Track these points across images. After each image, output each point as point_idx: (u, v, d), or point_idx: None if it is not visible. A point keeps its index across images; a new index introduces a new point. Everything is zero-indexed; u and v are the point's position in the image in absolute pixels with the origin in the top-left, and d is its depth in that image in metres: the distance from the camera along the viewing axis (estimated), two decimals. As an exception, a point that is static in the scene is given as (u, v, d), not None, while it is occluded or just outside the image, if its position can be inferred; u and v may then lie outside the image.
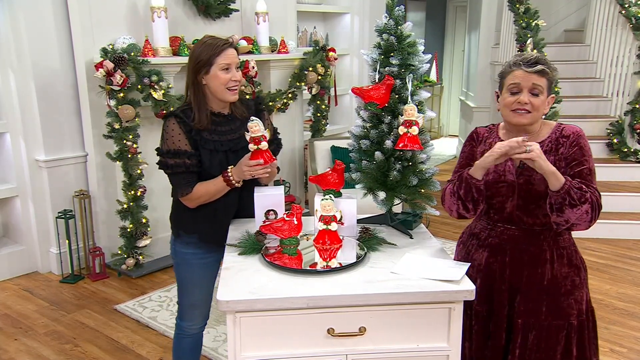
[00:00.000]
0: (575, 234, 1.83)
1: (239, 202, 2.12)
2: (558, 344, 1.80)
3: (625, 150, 5.13)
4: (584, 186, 1.66)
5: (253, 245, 1.81)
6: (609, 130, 5.27)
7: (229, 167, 1.97)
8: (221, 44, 1.96)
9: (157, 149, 2.02)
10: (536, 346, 1.80)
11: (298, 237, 1.75)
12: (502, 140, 1.83)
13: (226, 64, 1.95)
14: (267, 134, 1.91)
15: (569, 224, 1.68)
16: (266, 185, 2.19)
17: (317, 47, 4.93)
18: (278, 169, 2.14)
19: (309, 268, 1.67)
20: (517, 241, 1.82)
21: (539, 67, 1.70)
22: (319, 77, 4.87)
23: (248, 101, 2.16)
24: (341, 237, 1.70)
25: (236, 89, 2.00)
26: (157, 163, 2.04)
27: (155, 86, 3.62)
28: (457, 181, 1.82)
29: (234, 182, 1.96)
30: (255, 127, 1.87)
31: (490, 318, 1.87)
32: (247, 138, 1.90)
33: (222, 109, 2.05)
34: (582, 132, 1.79)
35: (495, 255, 1.85)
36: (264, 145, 1.89)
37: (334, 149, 4.68)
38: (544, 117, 1.82)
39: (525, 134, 1.67)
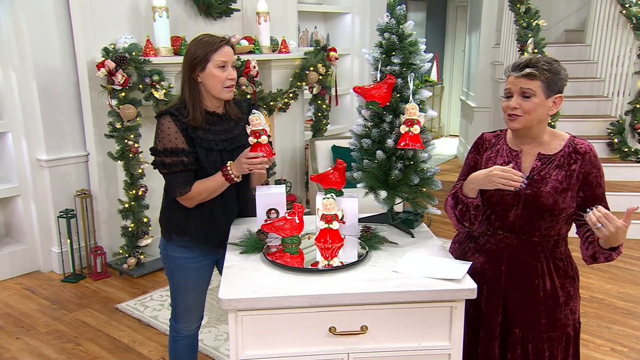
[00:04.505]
0: (573, 234, 1.82)
1: (238, 205, 2.10)
2: (558, 356, 1.80)
3: (626, 149, 5.15)
4: None
5: (255, 244, 1.81)
6: (609, 130, 5.29)
7: (228, 162, 1.94)
8: (218, 41, 1.94)
9: (151, 149, 1.98)
10: (536, 358, 1.79)
11: (299, 236, 1.75)
12: (509, 147, 1.83)
13: (222, 62, 1.92)
14: (268, 129, 1.89)
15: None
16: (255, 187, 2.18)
17: (318, 47, 4.94)
18: (269, 170, 2.08)
19: (310, 267, 1.67)
20: (515, 250, 1.80)
21: (526, 70, 1.68)
22: (320, 77, 4.89)
23: (241, 101, 2.15)
24: (343, 236, 1.70)
25: (232, 88, 1.98)
26: (152, 163, 2.01)
27: (157, 86, 3.64)
28: (453, 200, 1.83)
29: (232, 176, 1.93)
30: (257, 120, 1.86)
31: (480, 324, 1.85)
32: (248, 131, 1.88)
33: (216, 108, 2.02)
34: (595, 150, 1.78)
35: (492, 262, 1.83)
36: (264, 139, 1.87)
37: (335, 149, 4.69)
38: (550, 119, 1.80)
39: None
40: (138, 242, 3.87)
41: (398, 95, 1.91)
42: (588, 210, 1.58)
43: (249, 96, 4.28)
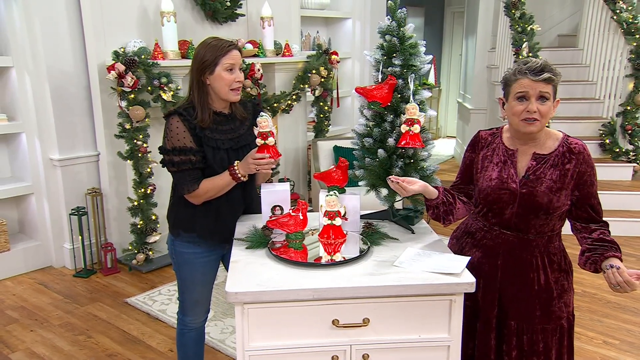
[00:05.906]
0: (567, 230, 1.87)
1: (244, 203, 2.14)
2: (553, 347, 1.83)
3: (617, 150, 5.22)
4: (611, 239, 1.77)
5: (260, 240, 1.84)
6: (601, 131, 5.35)
7: (235, 162, 1.97)
8: (226, 45, 1.97)
9: (160, 148, 2.00)
10: (531, 348, 1.82)
11: (303, 232, 1.78)
12: (505, 146, 1.85)
13: (230, 64, 1.95)
14: (275, 131, 1.92)
15: None
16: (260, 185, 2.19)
17: (320, 51, 5.00)
18: (273, 170, 2.13)
19: (314, 262, 1.69)
20: (511, 246, 1.82)
21: (546, 75, 1.67)
22: (322, 80, 4.93)
23: (246, 102, 2.17)
24: (345, 232, 1.72)
25: (239, 89, 2.01)
26: (160, 162, 2.04)
27: (165, 88, 3.68)
28: (427, 210, 1.91)
29: (239, 175, 1.96)
30: (264, 122, 1.88)
31: (477, 316, 1.88)
32: (255, 132, 1.90)
33: (223, 109, 2.05)
34: (588, 148, 1.80)
35: (488, 257, 1.86)
36: (271, 140, 1.89)
37: (337, 149, 4.72)
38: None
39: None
40: (147, 238, 3.91)
41: (399, 95, 1.94)
42: (608, 267, 1.67)
43: (253, 97, 4.35)
